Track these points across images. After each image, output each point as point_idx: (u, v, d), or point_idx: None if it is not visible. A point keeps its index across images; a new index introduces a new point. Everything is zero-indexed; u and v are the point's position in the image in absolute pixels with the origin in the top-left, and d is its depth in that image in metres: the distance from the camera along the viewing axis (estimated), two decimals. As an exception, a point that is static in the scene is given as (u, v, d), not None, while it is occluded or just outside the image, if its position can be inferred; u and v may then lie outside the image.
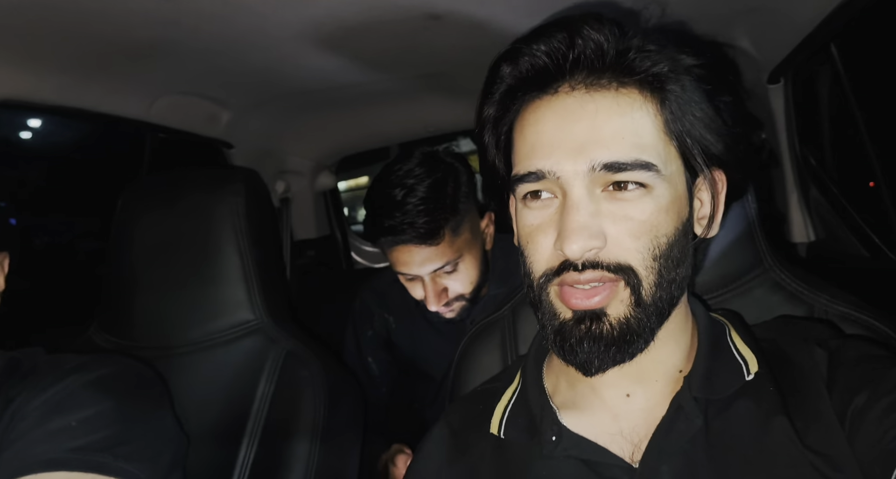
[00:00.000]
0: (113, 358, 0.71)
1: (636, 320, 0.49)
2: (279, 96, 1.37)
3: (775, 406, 0.51)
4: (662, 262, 0.48)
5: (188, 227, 0.91)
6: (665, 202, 0.48)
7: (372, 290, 1.32)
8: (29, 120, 1.83)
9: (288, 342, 0.91)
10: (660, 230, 0.48)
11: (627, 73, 0.48)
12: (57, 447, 0.56)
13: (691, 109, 0.48)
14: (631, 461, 0.52)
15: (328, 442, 0.84)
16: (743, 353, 0.55)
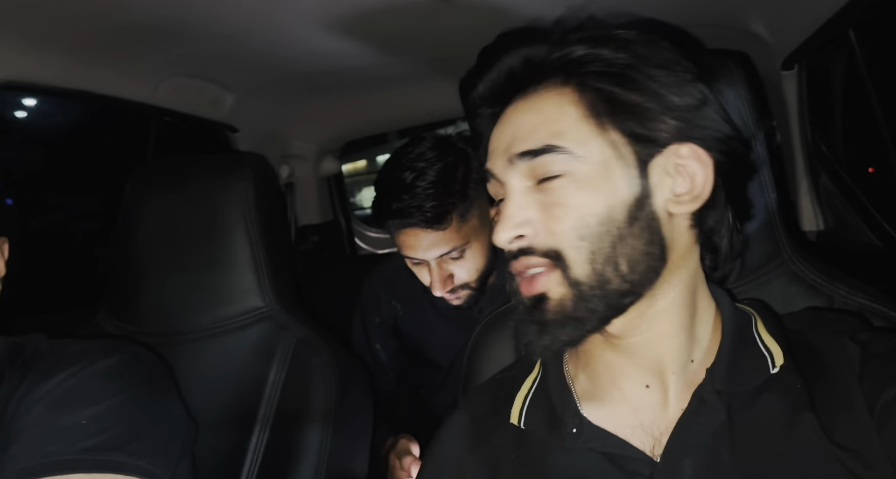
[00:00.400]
0: (115, 345, 0.70)
1: (574, 301, 0.50)
2: (284, 80, 1.35)
3: (802, 401, 0.50)
4: (594, 240, 0.49)
5: (197, 212, 0.90)
6: (588, 183, 0.49)
7: (379, 276, 1.31)
8: (30, 101, 1.81)
9: (298, 329, 0.91)
10: (585, 210, 0.49)
11: (541, 78, 0.53)
12: (70, 448, 0.55)
13: (621, 93, 0.50)
14: (652, 455, 0.52)
15: (340, 428, 0.84)
16: (769, 345, 0.54)
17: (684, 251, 0.52)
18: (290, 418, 0.84)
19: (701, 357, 0.54)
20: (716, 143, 0.51)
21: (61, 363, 0.63)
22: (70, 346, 0.67)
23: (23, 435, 0.57)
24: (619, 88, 0.50)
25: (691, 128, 0.50)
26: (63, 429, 0.56)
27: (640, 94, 0.50)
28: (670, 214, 0.51)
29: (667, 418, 0.53)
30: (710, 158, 0.50)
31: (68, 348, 0.67)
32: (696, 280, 0.54)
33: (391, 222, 1.00)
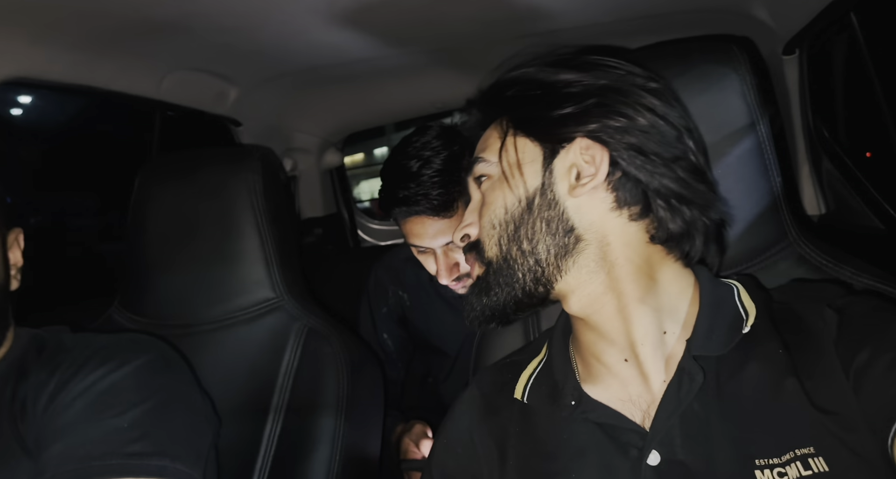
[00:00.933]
0: (141, 340, 0.70)
1: (486, 276, 0.61)
2: (287, 73, 1.35)
3: (785, 367, 0.52)
4: (502, 225, 0.59)
5: (207, 205, 0.91)
6: (500, 183, 0.61)
7: (385, 267, 1.32)
8: (26, 99, 1.81)
9: (309, 319, 0.92)
10: (497, 203, 0.60)
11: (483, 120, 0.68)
12: (115, 451, 0.56)
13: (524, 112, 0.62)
14: (643, 426, 0.55)
15: (352, 416, 0.85)
16: (748, 308, 0.57)
17: (612, 230, 0.57)
18: (304, 406, 0.85)
19: (677, 330, 0.57)
20: (612, 135, 0.57)
21: (93, 359, 0.64)
22: (95, 340, 0.68)
23: (66, 434, 0.58)
24: (524, 105, 0.61)
25: (589, 125, 0.58)
26: (108, 432, 0.57)
27: (540, 105, 0.60)
28: (575, 197, 0.58)
29: (651, 390, 0.56)
30: (603, 147, 0.57)
31: (95, 342, 0.68)
32: (651, 258, 0.58)
33: (398, 210, 1.01)
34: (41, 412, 0.61)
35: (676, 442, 0.52)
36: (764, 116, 0.69)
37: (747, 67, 0.69)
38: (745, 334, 0.55)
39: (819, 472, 0.47)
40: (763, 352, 0.54)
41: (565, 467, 0.56)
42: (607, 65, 0.60)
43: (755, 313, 0.57)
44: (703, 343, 0.55)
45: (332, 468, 0.80)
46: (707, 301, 0.57)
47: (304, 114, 1.66)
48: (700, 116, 0.69)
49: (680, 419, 0.53)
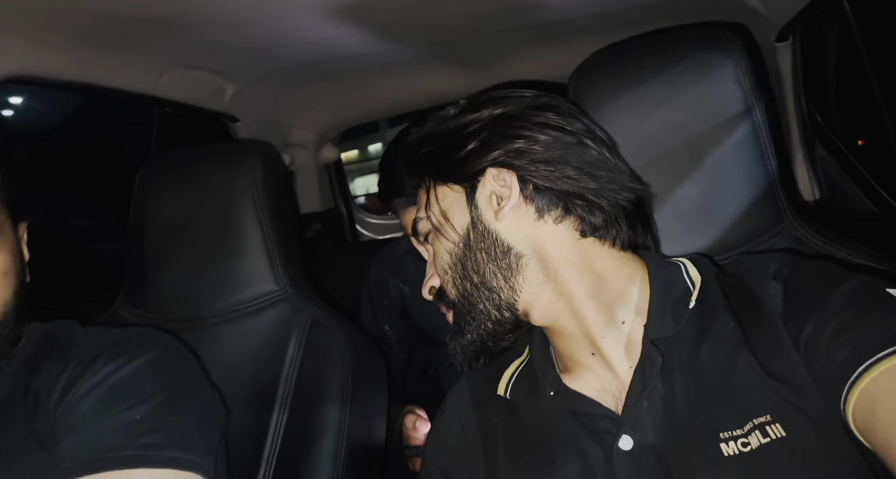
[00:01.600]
0: (150, 334, 0.71)
1: (456, 316, 0.65)
2: (283, 68, 1.35)
3: (739, 341, 0.54)
4: (451, 268, 0.63)
5: (208, 200, 0.92)
6: (437, 233, 0.65)
7: (385, 260, 1.33)
8: (17, 99, 1.81)
9: (312, 311, 0.93)
10: (440, 252, 0.64)
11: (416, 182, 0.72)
12: (129, 443, 0.57)
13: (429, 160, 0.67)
14: (617, 412, 0.57)
15: (357, 407, 0.86)
16: (694, 280, 0.60)
17: (545, 239, 0.60)
18: (309, 397, 0.86)
19: (633, 316, 0.59)
20: (513, 155, 0.61)
21: (104, 354, 0.65)
22: (105, 334, 0.69)
23: (80, 428, 0.58)
24: (431, 158, 0.66)
25: (492, 154, 0.61)
26: (121, 425, 0.58)
27: (450, 154, 0.63)
28: (500, 220, 0.61)
29: (619, 378, 0.59)
30: (510, 170, 0.61)
31: (104, 336, 0.68)
32: (588, 254, 0.61)
33: (396, 201, 1.02)
34: (54, 406, 0.62)
35: (647, 426, 0.54)
36: (759, 102, 0.70)
37: (742, 53, 0.70)
38: (700, 311, 0.57)
39: (777, 438, 0.49)
40: (717, 328, 0.56)
41: (550, 458, 0.58)
42: (497, 97, 0.65)
43: (699, 284, 0.59)
44: (659, 326, 0.57)
45: (339, 458, 0.82)
46: (656, 283, 0.60)
47: (300, 110, 1.66)
48: (696, 103, 0.71)
49: (648, 403, 0.55)
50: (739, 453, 0.49)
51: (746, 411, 0.51)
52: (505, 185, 0.61)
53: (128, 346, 0.66)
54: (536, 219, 0.61)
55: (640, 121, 0.71)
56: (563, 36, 1.34)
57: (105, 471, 0.55)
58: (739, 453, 0.49)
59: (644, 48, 0.75)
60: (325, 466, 0.81)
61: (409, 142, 0.69)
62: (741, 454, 0.49)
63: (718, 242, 0.70)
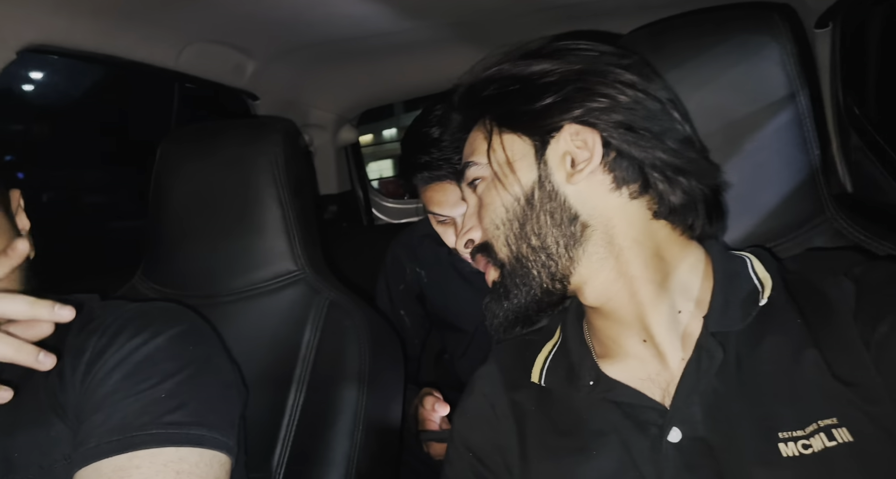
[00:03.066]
0: (172, 309, 0.70)
1: (503, 279, 0.60)
2: (305, 46, 1.34)
3: (804, 338, 0.52)
4: (506, 225, 0.59)
5: (229, 176, 0.91)
6: (495, 183, 0.60)
7: (403, 244, 1.32)
8: (51, 70, 1.81)
9: (330, 293, 0.92)
10: (494, 204, 0.59)
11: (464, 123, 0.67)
12: (154, 421, 0.57)
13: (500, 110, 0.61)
14: (663, 403, 0.54)
15: (374, 389, 0.86)
16: (762, 279, 0.57)
17: (616, 211, 0.57)
18: (326, 378, 0.85)
19: (691, 307, 0.57)
20: (598, 115, 0.57)
21: (127, 329, 0.64)
22: (126, 308, 0.68)
23: (106, 405, 0.58)
24: (504, 102, 0.60)
25: (574, 111, 0.57)
26: (146, 403, 0.58)
27: (521, 100, 0.59)
28: (574, 184, 0.57)
29: (669, 368, 0.56)
30: (594, 130, 0.57)
31: (126, 309, 0.67)
32: (656, 236, 0.58)
33: (419, 177, 1.00)
34: (79, 381, 0.61)
35: (697, 419, 0.52)
36: (804, 88, 0.67)
37: (788, 36, 0.67)
38: (762, 306, 0.55)
39: (844, 442, 0.46)
40: (781, 324, 0.53)
41: (585, 445, 0.56)
42: (578, 49, 0.60)
43: (771, 284, 0.56)
44: (720, 319, 0.54)
45: (356, 438, 0.81)
46: (720, 276, 0.57)
47: (320, 89, 1.64)
48: (737, 86, 0.68)
49: (700, 397, 0.53)
50: (800, 455, 0.47)
51: (810, 411, 0.49)
52: (584, 146, 0.57)
53: (151, 320, 0.66)
54: (612, 189, 0.57)
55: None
56: (596, 16, 1.30)
57: (132, 451, 0.55)
58: (800, 455, 0.47)
59: (684, 28, 0.72)
60: (341, 445, 0.80)
61: (474, 79, 0.63)
62: (802, 456, 0.47)
63: (755, 232, 0.67)
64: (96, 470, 0.54)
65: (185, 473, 0.55)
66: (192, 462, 0.56)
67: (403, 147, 1.04)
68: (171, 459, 0.55)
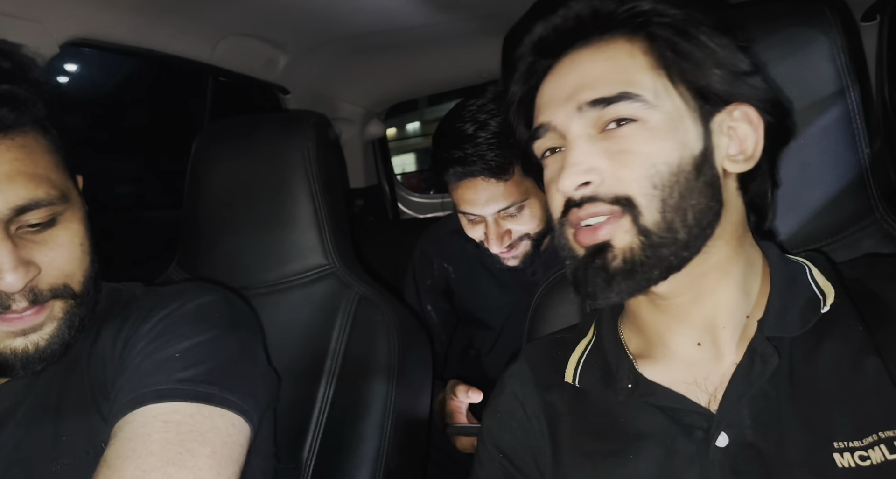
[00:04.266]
0: (210, 286, 0.71)
1: (643, 249, 0.50)
2: (336, 39, 1.34)
3: (866, 346, 0.49)
4: (665, 189, 0.49)
5: (262, 170, 0.92)
6: (661, 132, 0.50)
7: (431, 239, 1.32)
8: (73, 66, 1.85)
9: (360, 287, 0.92)
10: (657, 159, 0.49)
11: (609, 27, 0.53)
12: (167, 378, 0.57)
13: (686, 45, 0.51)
14: (708, 408, 0.52)
15: (403, 383, 0.86)
16: (823, 287, 0.54)
17: (734, 209, 0.54)
18: (356, 371, 0.86)
19: (751, 311, 0.54)
20: (767, 106, 0.52)
21: (160, 302, 0.65)
22: (167, 291, 0.69)
23: (128, 369, 0.60)
24: (687, 43, 0.51)
25: (746, 90, 0.51)
26: (159, 362, 0.59)
27: (703, 51, 0.51)
28: (728, 173, 0.52)
29: (720, 372, 0.53)
30: (761, 120, 0.51)
31: (165, 292, 0.69)
32: (745, 238, 0.55)
33: (452, 172, 0.99)
34: (118, 357, 0.63)
35: (746, 424, 0.50)
36: (854, 83, 0.64)
37: (839, 30, 0.65)
38: (822, 313, 0.52)
39: None
40: (840, 331, 0.51)
41: (622, 449, 0.54)
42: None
43: (833, 292, 0.53)
44: (777, 324, 0.52)
45: (385, 431, 0.81)
46: (778, 280, 0.54)
47: (349, 83, 1.65)
48: (785, 81, 0.65)
49: (749, 401, 0.51)
50: (857, 466, 0.45)
51: (870, 421, 0.47)
52: (746, 134, 0.52)
53: (182, 293, 0.67)
54: (737, 187, 0.54)
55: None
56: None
57: (141, 406, 0.55)
58: (857, 466, 0.45)
59: None
60: (372, 438, 0.81)
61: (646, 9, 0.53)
62: (858, 467, 0.45)
63: (800, 231, 0.65)
64: (112, 433, 0.55)
65: (175, 423, 0.54)
66: (186, 413, 0.55)
67: (436, 142, 1.04)
68: (164, 411, 0.55)
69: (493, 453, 0.64)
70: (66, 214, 0.60)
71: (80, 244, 0.61)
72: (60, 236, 0.59)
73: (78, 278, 0.61)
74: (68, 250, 0.60)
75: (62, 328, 0.60)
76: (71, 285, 0.60)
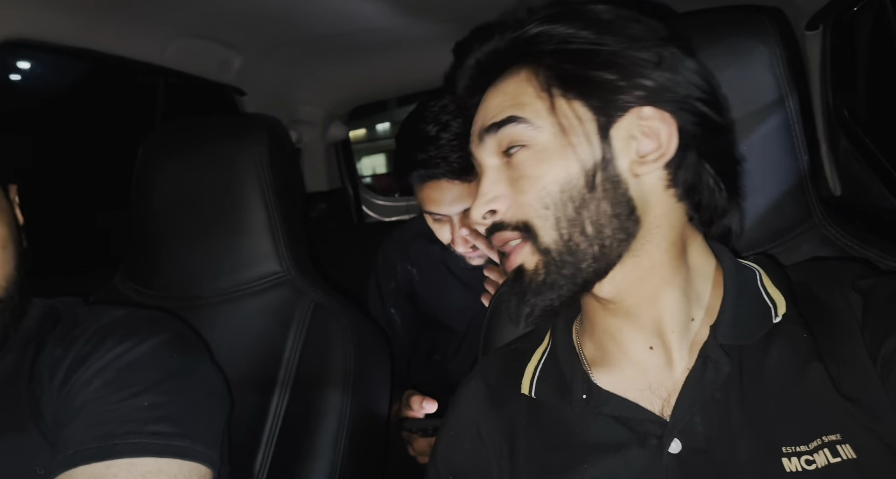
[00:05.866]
0: (158, 318, 0.69)
1: (545, 267, 0.52)
2: (293, 41, 1.32)
3: (810, 352, 0.50)
4: (557, 207, 0.51)
5: (212, 176, 0.89)
6: (548, 153, 0.52)
7: (394, 241, 1.31)
8: (26, 64, 1.78)
9: (316, 294, 0.91)
10: (547, 179, 0.51)
11: (507, 64, 0.57)
12: (137, 431, 0.55)
13: (570, 66, 0.53)
14: (662, 415, 0.53)
15: (359, 393, 0.85)
16: (773, 296, 0.54)
17: (664, 211, 0.53)
18: (310, 381, 0.84)
19: (702, 315, 0.55)
20: (678, 103, 0.52)
21: (112, 336, 0.63)
22: (111, 314, 0.67)
23: (87, 411, 0.57)
24: (573, 63, 0.53)
25: (651, 91, 0.52)
26: (129, 411, 0.57)
27: (595, 65, 0.52)
28: (637, 176, 0.52)
29: (673, 378, 0.54)
30: (672, 118, 0.52)
31: (110, 316, 0.66)
32: (686, 239, 0.55)
33: (416, 175, 0.99)
34: (58, 387, 0.60)
35: (698, 430, 0.51)
36: (793, 92, 0.66)
37: (777, 40, 0.66)
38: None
39: (847, 459, 0.45)
40: (787, 337, 0.52)
41: (577, 459, 0.54)
42: (657, 25, 0.54)
43: (784, 302, 0.54)
44: (730, 332, 0.52)
45: (340, 442, 0.80)
46: (731, 286, 0.55)
47: (309, 85, 1.62)
48: (728, 90, 0.66)
49: (702, 408, 0.51)
50: (803, 470, 0.46)
51: (814, 427, 0.47)
52: (651, 134, 0.52)
53: (136, 329, 0.64)
54: (665, 187, 0.53)
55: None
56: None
57: (111, 459, 0.54)
58: (803, 470, 0.46)
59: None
60: (326, 450, 0.79)
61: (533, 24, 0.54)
62: (805, 471, 0.46)
63: (744, 237, 0.67)
64: (71, 477, 0.53)
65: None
66: (170, 474, 0.55)
67: (399, 144, 1.03)
68: (150, 469, 0.54)
69: (442, 474, 0.63)
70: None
71: (2, 247, 0.60)
72: None
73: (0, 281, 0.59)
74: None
75: None
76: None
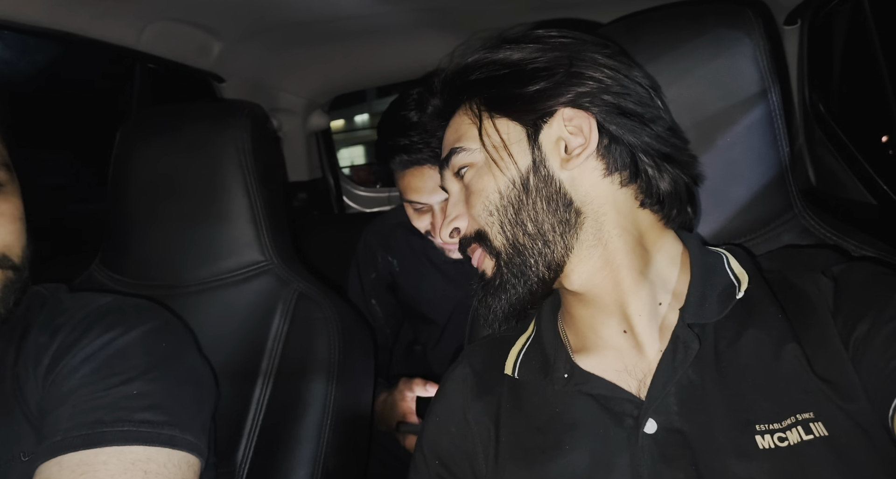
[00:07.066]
0: (145, 306, 0.68)
1: (498, 268, 0.59)
2: (274, 27, 1.29)
3: (785, 333, 0.52)
4: (501, 212, 0.58)
5: (192, 163, 0.87)
6: (486, 169, 0.59)
7: (375, 232, 1.30)
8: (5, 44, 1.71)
9: (299, 284, 0.90)
10: (489, 191, 0.58)
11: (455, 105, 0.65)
12: (126, 418, 0.55)
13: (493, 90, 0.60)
14: (638, 395, 0.55)
15: (344, 382, 0.84)
16: (738, 274, 0.58)
17: (607, 198, 0.57)
18: (294, 371, 0.84)
19: (669, 299, 0.57)
20: (594, 100, 0.57)
21: (99, 323, 0.62)
22: (97, 301, 0.66)
23: (73, 398, 0.56)
24: (497, 86, 0.59)
25: (569, 94, 0.57)
26: (117, 398, 0.56)
27: (515, 83, 0.58)
28: (570, 170, 0.57)
29: (647, 360, 0.56)
30: (589, 114, 0.57)
31: (96, 303, 0.65)
32: (641, 226, 0.58)
33: (398, 160, 0.98)
34: (43, 374, 0.59)
35: (673, 410, 0.52)
36: (776, 85, 0.67)
37: (761, 33, 0.67)
38: (742, 300, 0.56)
39: (819, 436, 0.47)
40: (762, 319, 0.54)
41: (558, 439, 0.56)
42: (561, 36, 0.60)
43: (747, 279, 0.57)
44: (697, 311, 0.55)
45: (324, 432, 0.80)
46: (698, 269, 0.57)
47: (290, 72, 1.60)
48: (711, 81, 0.68)
49: (676, 388, 0.53)
50: (776, 447, 0.48)
51: (787, 405, 0.49)
52: (578, 132, 0.57)
53: (124, 316, 0.63)
54: (603, 176, 0.57)
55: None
56: (572, 6, 1.29)
57: (100, 446, 0.53)
58: (776, 447, 0.48)
59: (659, 22, 0.72)
60: (309, 439, 0.79)
61: (459, 64, 0.62)
62: (777, 448, 0.48)
63: (726, 227, 0.68)
64: (59, 464, 0.52)
65: (153, 473, 0.54)
66: (160, 463, 0.55)
67: (381, 130, 1.02)
68: (140, 458, 0.54)
69: (429, 459, 0.64)
70: (8, 187, 0.60)
71: (20, 219, 0.60)
72: (2, 206, 0.59)
73: (16, 250, 0.60)
74: (10, 221, 0.59)
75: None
76: (10, 255, 0.59)
